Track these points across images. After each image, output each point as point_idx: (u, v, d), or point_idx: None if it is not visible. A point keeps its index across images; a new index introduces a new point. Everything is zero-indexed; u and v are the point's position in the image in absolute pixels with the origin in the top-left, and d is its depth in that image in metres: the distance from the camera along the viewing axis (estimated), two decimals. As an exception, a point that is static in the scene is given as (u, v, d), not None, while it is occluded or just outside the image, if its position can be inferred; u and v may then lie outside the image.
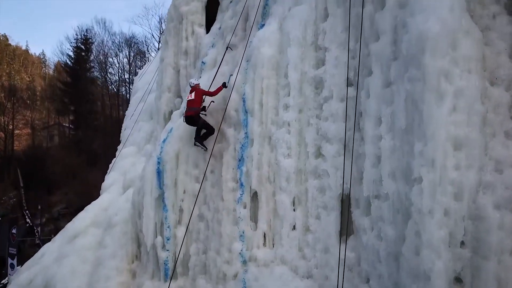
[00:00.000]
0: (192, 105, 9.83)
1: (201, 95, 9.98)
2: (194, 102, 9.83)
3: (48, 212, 39.85)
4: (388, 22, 7.07)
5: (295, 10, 8.91)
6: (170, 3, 14.28)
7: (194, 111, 9.75)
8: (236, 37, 10.91)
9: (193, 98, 9.88)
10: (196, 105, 9.81)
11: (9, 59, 75.93)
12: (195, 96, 9.90)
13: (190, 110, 9.81)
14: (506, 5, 6.69)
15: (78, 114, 52.48)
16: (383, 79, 7.07)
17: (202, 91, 10.10)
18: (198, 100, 9.87)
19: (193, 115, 9.75)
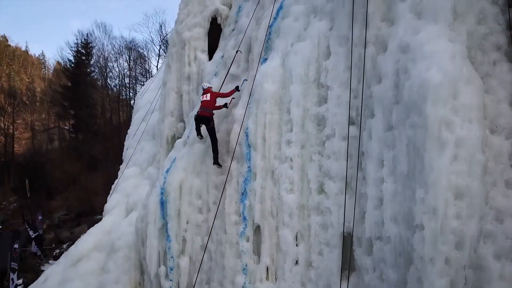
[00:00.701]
0: (206, 105, 10.01)
1: (215, 97, 10.20)
2: (209, 104, 10.04)
3: (49, 218, 39.76)
4: (390, 66, 7.18)
5: (298, 46, 9.02)
6: (173, 28, 14.42)
7: (208, 113, 9.94)
8: (239, 68, 11.03)
9: (208, 99, 10.08)
10: (210, 107, 10.02)
11: (9, 60, 76.08)
12: (210, 97, 10.12)
13: (204, 110, 9.97)
14: (506, 52, 6.81)
15: (78, 118, 52.45)
16: (385, 122, 7.18)
17: (216, 93, 10.35)
18: (212, 102, 10.10)
19: (207, 116, 9.91)
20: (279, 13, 9.89)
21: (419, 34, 6.93)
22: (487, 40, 6.91)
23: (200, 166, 10.35)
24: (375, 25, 7.84)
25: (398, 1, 7.61)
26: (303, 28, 9.32)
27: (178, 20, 14.18)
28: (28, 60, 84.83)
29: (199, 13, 13.69)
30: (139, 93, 21.99)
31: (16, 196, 43.54)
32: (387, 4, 7.81)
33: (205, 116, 9.92)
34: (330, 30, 8.76)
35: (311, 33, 8.96)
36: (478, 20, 7.00)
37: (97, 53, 57.20)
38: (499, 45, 6.85)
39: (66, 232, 35.51)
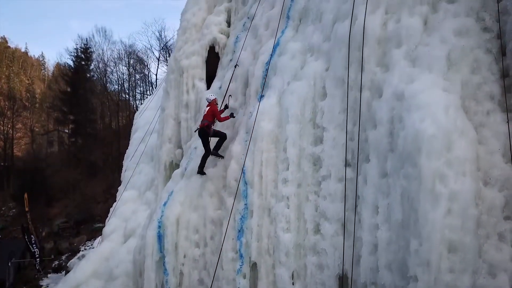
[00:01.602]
0: (205, 118, 10.60)
1: (211, 111, 10.66)
2: (207, 117, 10.61)
3: (48, 225, 39.74)
4: (385, 113, 7.26)
5: (294, 85, 9.09)
6: (171, 55, 14.49)
7: (203, 124, 10.51)
8: (236, 102, 11.11)
9: (206, 113, 10.69)
10: (209, 119, 10.55)
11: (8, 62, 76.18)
12: (208, 112, 10.69)
13: (202, 123, 10.60)
14: (499, 102, 6.88)
15: (77, 123, 52.49)
16: (379, 169, 7.24)
17: (214, 110, 10.72)
18: (210, 116, 10.62)
19: (203, 128, 10.47)
20: (275, 49, 9.96)
21: (413, 83, 7.02)
22: (481, 89, 6.99)
23: (197, 200, 10.40)
24: (371, 69, 7.92)
25: (393, 48, 7.71)
26: (300, 66, 9.40)
27: (176, 47, 14.26)
28: (27, 61, 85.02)
29: (197, 41, 13.78)
30: (138, 112, 22.02)
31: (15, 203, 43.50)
32: (383, 49, 7.91)
33: (202, 128, 10.48)
34: (326, 70, 8.84)
35: (307, 73, 9.04)
36: (472, 69, 7.09)
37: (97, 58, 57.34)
38: (492, 95, 6.93)
39: (65, 242, 35.56)
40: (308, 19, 9.87)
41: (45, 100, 66.07)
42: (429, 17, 7.75)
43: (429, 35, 7.51)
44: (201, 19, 14.20)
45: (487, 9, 7.37)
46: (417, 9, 7.82)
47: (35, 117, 64.40)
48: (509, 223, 6.26)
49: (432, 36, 7.45)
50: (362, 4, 8.36)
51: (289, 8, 10.36)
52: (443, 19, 7.52)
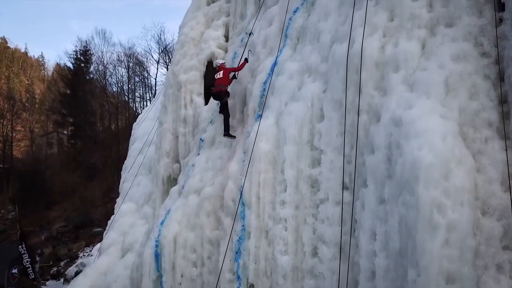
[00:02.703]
0: (220, 82, 10.85)
1: (228, 73, 11.02)
2: (222, 80, 10.87)
3: (47, 229, 39.63)
4: (383, 139, 7.21)
5: (292, 106, 9.06)
6: (169, 68, 14.46)
7: (220, 88, 10.79)
8: (233, 119, 11.08)
9: (221, 77, 10.93)
10: (224, 83, 10.86)
11: (8, 62, 76.23)
12: (223, 74, 10.94)
13: (218, 87, 10.81)
14: (498, 129, 6.85)
15: (76, 126, 52.48)
16: (377, 195, 7.19)
17: (228, 69, 11.13)
18: (226, 78, 10.94)
19: (219, 92, 10.79)
20: (273, 69, 9.93)
21: (411, 109, 6.99)
22: (479, 116, 6.96)
23: (195, 220, 10.35)
24: (368, 93, 7.89)
25: (391, 72, 7.68)
26: (297, 87, 9.36)
27: (174, 61, 14.23)
28: (27, 62, 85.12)
29: (195, 56, 13.74)
30: (136, 122, 21.96)
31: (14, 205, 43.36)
32: (380, 72, 7.88)
33: (219, 92, 10.79)
34: (323, 92, 8.80)
35: (305, 94, 9.00)
36: (470, 95, 7.07)
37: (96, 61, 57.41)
38: (490, 122, 6.90)
39: (64, 248, 35.45)
40: (306, 38, 9.84)
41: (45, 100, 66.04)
42: (427, 40, 7.72)
43: (427, 60, 7.48)
44: (199, 33, 14.17)
45: (485, 34, 7.35)
46: (415, 33, 7.79)
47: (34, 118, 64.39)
48: (508, 253, 6.23)
49: (430, 60, 7.42)
50: (360, 26, 8.33)
51: (287, 26, 10.33)
52: (441, 44, 7.50)
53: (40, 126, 63.31)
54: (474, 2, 7.56)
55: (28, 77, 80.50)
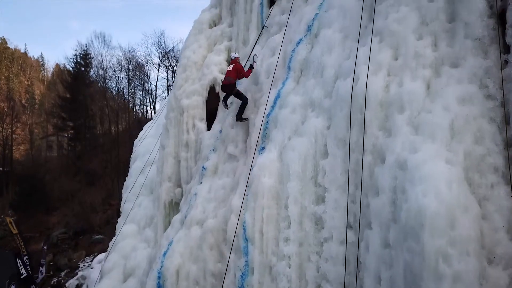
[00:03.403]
0: (229, 75, 11.22)
1: (236, 70, 11.32)
2: (231, 74, 11.24)
3: (47, 234, 39.52)
4: (388, 181, 7.16)
5: (295, 141, 9.02)
6: (171, 93, 14.43)
7: (229, 81, 11.17)
8: (236, 148, 11.04)
9: (231, 70, 11.31)
10: (232, 76, 11.20)
11: (8, 63, 76.35)
12: (233, 69, 11.32)
13: (227, 79, 11.24)
14: (503, 174, 6.80)
15: (76, 130, 52.51)
16: (382, 238, 7.12)
17: (238, 67, 11.41)
18: (234, 74, 11.27)
19: (229, 84, 11.18)
20: (276, 101, 9.90)
21: (417, 153, 6.93)
22: (485, 161, 6.91)
23: (197, 252, 10.28)
24: (373, 133, 7.84)
25: (396, 112, 7.64)
26: (301, 121, 9.33)
27: (177, 85, 14.20)
28: (27, 62, 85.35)
29: (197, 80, 13.72)
30: (137, 139, 21.89)
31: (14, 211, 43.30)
32: (385, 113, 7.84)
33: (227, 84, 11.19)
34: (327, 129, 8.76)
35: (308, 129, 8.95)
36: (475, 140, 7.01)
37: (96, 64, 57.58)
38: (496, 167, 6.85)
39: (64, 258, 35.41)
40: (309, 71, 9.80)
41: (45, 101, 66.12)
42: (432, 81, 7.69)
43: (432, 101, 7.44)
44: (201, 57, 14.15)
45: (490, 76, 7.32)
46: (420, 73, 7.77)
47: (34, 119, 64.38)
48: (514, 303, 6.17)
49: (435, 102, 7.38)
50: (364, 64, 8.31)
51: (290, 58, 10.30)
52: (446, 85, 7.46)
53: (40, 127, 63.32)
54: (479, 43, 7.53)
55: (27, 78, 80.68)
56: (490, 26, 7.55)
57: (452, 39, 7.80)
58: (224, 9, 14.49)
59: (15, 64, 79.27)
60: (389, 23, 8.45)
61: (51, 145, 61.67)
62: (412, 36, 8.09)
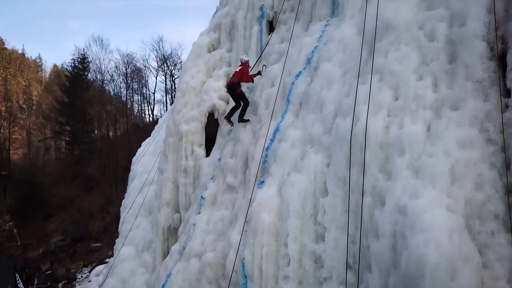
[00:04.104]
0: (236, 75, 11.71)
1: (242, 71, 11.74)
2: (238, 75, 11.69)
3: (45, 241, 39.28)
4: (388, 226, 7.10)
5: (295, 178, 8.98)
6: (170, 117, 14.38)
7: (233, 81, 11.66)
8: (235, 179, 11.00)
9: (238, 71, 11.78)
10: (238, 77, 11.65)
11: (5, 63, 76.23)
12: (240, 70, 11.76)
13: (232, 79, 11.72)
14: (504, 222, 6.75)
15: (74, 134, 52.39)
16: (382, 283, 7.05)
17: (245, 70, 11.86)
18: (239, 75, 11.69)
19: (233, 84, 11.62)
20: (275, 135, 9.87)
21: (417, 199, 6.88)
22: (485, 208, 6.85)
23: (196, 285, 10.23)
24: (373, 174, 7.80)
25: (396, 155, 7.60)
26: (300, 156, 9.29)
27: (175, 110, 14.17)
28: (24, 63, 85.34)
29: (196, 106, 13.69)
30: (136, 157, 21.81)
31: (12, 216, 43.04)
32: (385, 154, 7.80)
33: (231, 84, 11.64)
34: (327, 166, 8.73)
35: (308, 166, 8.92)
36: (476, 186, 6.97)
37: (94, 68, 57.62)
38: (497, 214, 6.80)
39: (62, 269, 35.18)
40: (308, 105, 9.78)
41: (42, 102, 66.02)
42: (432, 123, 7.65)
43: (433, 144, 7.40)
44: (200, 82, 14.13)
45: (491, 119, 7.28)
46: (420, 114, 7.73)
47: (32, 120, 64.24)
48: None
49: (436, 145, 7.34)
50: (364, 103, 8.28)
51: (289, 91, 10.28)
52: (447, 128, 7.42)
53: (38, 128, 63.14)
54: (479, 86, 7.50)
55: (25, 79, 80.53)
56: (491, 68, 7.51)
57: (452, 81, 7.77)
58: (223, 34, 14.48)
59: (12, 65, 79.23)
60: (389, 62, 8.43)
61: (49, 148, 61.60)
62: (412, 77, 8.07)
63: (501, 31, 7.64)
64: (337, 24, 10.33)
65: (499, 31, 7.64)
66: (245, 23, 13.46)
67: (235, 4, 14.22)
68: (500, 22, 7.71)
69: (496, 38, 7.60)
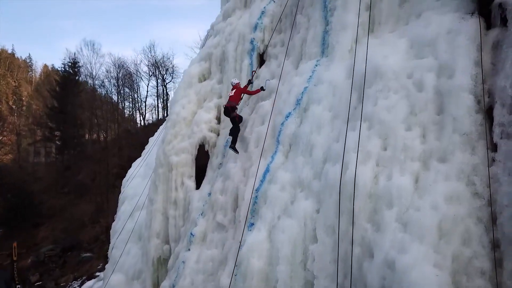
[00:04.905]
0: (231, 99, 11.89)
1: (240, 93, 12.11)
2: (233, 98, 11.92)
3: (34, 251, 38.82)
4: (376, 280, 7.17)
5: (285, 223, 8.99)
6: (159, 148, 14.35)
7: (230, 104, 11.82)
8: (226, 217, 10.99)
9: (233, 95, 11.96)
10: (234, 101, 11.89)
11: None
12: (235, 93, 11.98)
13: (229, 103, 11.86)
14: (490, 278, 6.82)
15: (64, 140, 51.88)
16: (371, 337, 7.13)
17: (241, 90, 12.17)
18: (236, 97, 11.99)
19: (229, 107, 11.79)
20: (265, 176, 9.90)
21: (405, 255, 6.94)
22: (472, 264, 6.91)
23: (186, 325, 10.21)
24: (361, 225, 7.84)
25: (384, 207, 7.65)
26: (290, 200, 9.32)
27: (166, 140, 14.13)
28: (14, 63, 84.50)
29: (187, 138, 13.68)
30: (126, 179, 21.70)
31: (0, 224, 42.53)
32: (373, 205, 7.85)
33: (228, 107, 11.76)
34: (317, 212, 8.76)
35: (298, 211, 8.95)
36: (463, 241, 7.02)
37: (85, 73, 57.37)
38: (483, 271, 6.85)
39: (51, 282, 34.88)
40: (298, 147, 9.81)
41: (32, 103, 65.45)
42: (420, 175, 7.72)
43: (421, 197, 7.46)
44: (191, 112, 14.14)
45: (477, 173, 7.35)
46: (408, 166, 7.80)
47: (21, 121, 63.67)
48: None
49: (424, 199, 7.40)
50: (353, 151, 8.34)
51: (279, 131, 10.32)
52: (435, 181, 7.48)
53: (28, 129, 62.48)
54: (467, 138, 7.57)
55: (15, 79, 79.78)
56: (478, 121, 7.60)
57: (440, 132, 7.84)
58: (214, 64, 14.52)
59: (2, 65, 78.43)
60: (378, 110, 8.51)
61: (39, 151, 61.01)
62: (401, 126, 8.15)
63: (488, 85, 7.74)
64: (326, 65, 10.39)
65: (486, 84, 7.75)
66: (236, 55, 13.51)
67: (225, 35, 14.27)
68: (487, 75, 7.82)
69: (483, 91, 7.70)
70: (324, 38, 10.71)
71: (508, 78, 7.40)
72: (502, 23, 8.03)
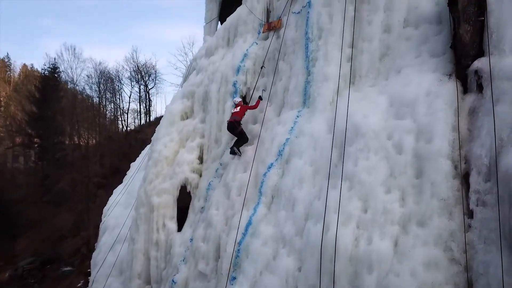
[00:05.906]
0: (236, 115, 12.14)
1: (245, 109, 12.43)
2: (238, 114, 12.16)
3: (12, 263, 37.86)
4: None
5: (267, 279, 9.05)
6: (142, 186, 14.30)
7: (234, 119, 12.03)
8: (207, 267, 11.00)
9: (238, 111, 12.24)
10: (239, 116, 12.15)
11: None
12: (240, 109, 12.26)
13: (232, 118, 12.09)
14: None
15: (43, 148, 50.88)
16: None
17: (244, 107, 12.49)
18: (241, 113, 12.25)
19: (234, 122, 11.99)
20: (248, 229, 9.94)
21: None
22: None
23: None
24: (343, 287, 7.94)
25: (365, 271, 7.76)
26: (272, 256, 9.37)
27: (147, 179, 14.10)
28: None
29: (169, 178, 13.67)
30: (107, 207, 21.47)
31: None
32: (354, 268, 7.95)
33: (232, 122, 11.98)
34: (299, 271, 8.83)
35: (280, 268, 9.00)
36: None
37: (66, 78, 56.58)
38: None
39: (30, 287, 34.13)
40: (280, 200, 9.90)
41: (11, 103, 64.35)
42: (399, 239, 7.85)
43: (400, 263, 7.59)
44: (173, 151, 14.14)
45: (454, 239, 7.50)
46: (388, 229, 7.93)
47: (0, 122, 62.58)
48: None
49: (403, 264, 7.53)
50: (334, 212, 8.45)
51: (261, 182, 10.39)
52: (413, 246, 7.62)
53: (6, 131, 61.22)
54: (444, 203, 7.73)
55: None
56: (455, 187, 7.78)
57: (419, 196, 7.99)
58: (196, 103, 14.57)
59: None
60: (358, 171, 8.67)
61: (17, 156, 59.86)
62: (380, 189, 8.30)
63: (465, 151, 7.95)
64: (308, 116, 10.53)
65: (462, 150, 7.95)
66: (219, 96, 13.59)
67: (208, 74, 14.35)
68: (464, 141, 8.03)
69: (460, 157, 7.90)
70: (305, 89, 10.86)
71: (483, 147, 7.62)
72: (478, 89, 8.27)
